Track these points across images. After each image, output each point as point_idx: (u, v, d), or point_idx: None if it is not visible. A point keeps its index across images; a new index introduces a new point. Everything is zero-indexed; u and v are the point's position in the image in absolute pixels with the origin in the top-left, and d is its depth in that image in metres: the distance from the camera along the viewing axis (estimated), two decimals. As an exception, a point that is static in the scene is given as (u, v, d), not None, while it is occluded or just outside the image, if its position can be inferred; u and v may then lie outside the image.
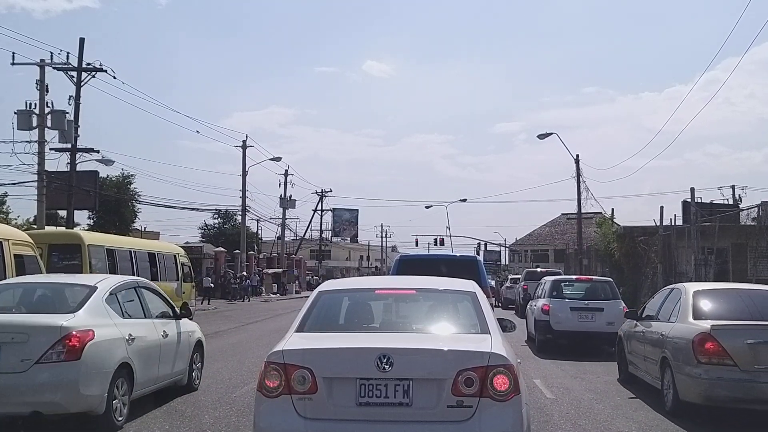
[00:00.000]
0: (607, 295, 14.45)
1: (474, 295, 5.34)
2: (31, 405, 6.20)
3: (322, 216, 64.12)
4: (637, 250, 24.12)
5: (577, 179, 34.04)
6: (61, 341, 6.30)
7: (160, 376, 8.03)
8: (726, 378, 6.98)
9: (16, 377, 6.14)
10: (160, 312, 8.47)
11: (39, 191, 23.77)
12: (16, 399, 6.17)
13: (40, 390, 6.20)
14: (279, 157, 46.75)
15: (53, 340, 6.29)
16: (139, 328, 7.55)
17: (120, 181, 40.36)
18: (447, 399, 4.25)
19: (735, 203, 29.02)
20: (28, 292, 7.74)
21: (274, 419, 4.39)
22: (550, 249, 70.09)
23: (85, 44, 24.41)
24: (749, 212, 19.08)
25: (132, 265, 17.75)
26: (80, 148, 24.71)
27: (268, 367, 4.45)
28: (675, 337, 7.84)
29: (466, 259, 12.29)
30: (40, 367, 6.20)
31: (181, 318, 8.86)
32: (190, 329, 9.16)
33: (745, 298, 8.12)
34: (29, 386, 6.16)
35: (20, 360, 6.19)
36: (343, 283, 6.82)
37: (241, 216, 44.35)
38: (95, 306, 7.05)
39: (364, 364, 4.32)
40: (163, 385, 8.21)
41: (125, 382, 7.06)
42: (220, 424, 7.15)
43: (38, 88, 23.41)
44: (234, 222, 57.78)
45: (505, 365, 4.34)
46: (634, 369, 9.66)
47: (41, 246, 14.39)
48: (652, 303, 9.73)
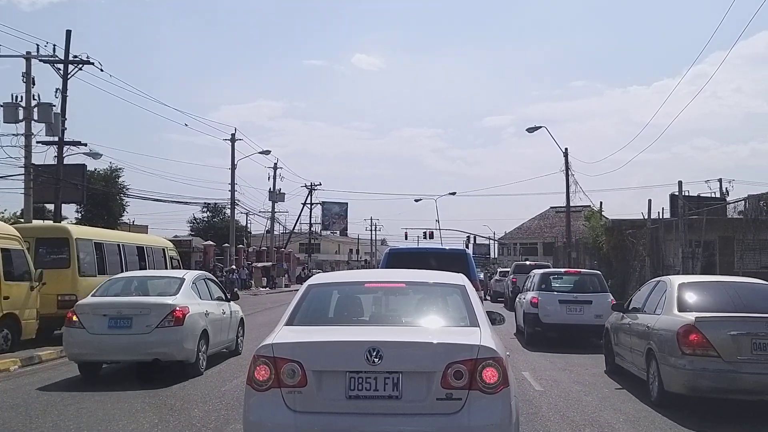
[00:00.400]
0: (596, 288, 14.56)
1: (463, 288, 5.36)
2: (153, 354, 9.64)
3: (312, 209, 64.04)
4: (626, 243, 24.28)
5: (565, 172, 34.19)
6: (171, 313, 9.66)
7: (222, 341, 11.34)
8: (710, 369, 7.08)
9: (144, 336, 9.53)
10: (217, 296, 11.76)
11: (26, 185, 23.54)
12: (144, 351, 9.60)
13: (159, 345, 9.55)
14: (268, 150, 46.64)
15: (166, 313, 9.65)
16: (210, 307, 10.92)
17: (108, 175, 40.09)
18: (436, 392, 4.28)
19: (722, 197, 29.23)
20: (141, 281, 11.20)
21: (264, 413, 4.40)
22: (539, 242, 70.35)
23: (72, 36, 24.16)
24: (736, 206, 19.27)
25: (121, 259, 17.61)
26: (67, 141, 24.46)
27: (258, 361, 4.46)
28: (660, 329, 7.94)
29: (456, 252, 12.33)
30: (159, 330, 9.57)
31: (230, 301, 12.29)
32: (236, 309, 12.41)
33: (729, 290, 8.22)
34: (152, 342, 9.53)
35: (146, 326, 9.57)
36: (332, 276, 6.84)
37: (230, 209, 44.18)
38: (186, 291, 10.48)
39: (353, 357, 4.34)
40: (222, 348, 11.38)
41: (205, 343, 10.29)
42: (210, 418, 7.17)
43: (24, 80, 23.16)
44: (223, 215, 57.59)
45: (494, 358, 4.36)
46: (620, 361, 9.76)
47: (28, 240, 14.29)
48: (638, 295, 9.82)
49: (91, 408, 7.70)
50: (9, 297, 12.38)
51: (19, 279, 12.86)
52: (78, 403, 7.96)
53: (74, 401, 8.10)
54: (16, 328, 12.51)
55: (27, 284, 13.05)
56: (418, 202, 64.80)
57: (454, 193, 60.30)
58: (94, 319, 9.68)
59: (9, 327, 12.32)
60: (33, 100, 23.00)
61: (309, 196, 61.25)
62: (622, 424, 7.05)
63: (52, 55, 23.80)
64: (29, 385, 9.32)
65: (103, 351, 9.70)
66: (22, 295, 12.82)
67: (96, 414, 7.39)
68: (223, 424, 6.91)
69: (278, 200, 52.76)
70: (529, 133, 34.81)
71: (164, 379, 9.49)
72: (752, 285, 8.64)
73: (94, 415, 7.32)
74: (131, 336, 9.54)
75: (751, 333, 7.10)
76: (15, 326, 12.49)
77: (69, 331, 9.87)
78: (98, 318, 9.67)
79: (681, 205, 19.31)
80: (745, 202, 17.50)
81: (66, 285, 14.89)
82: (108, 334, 9.58)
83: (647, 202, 21.67)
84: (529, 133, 34.71)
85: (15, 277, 12.76)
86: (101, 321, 9.64)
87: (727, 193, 30.91)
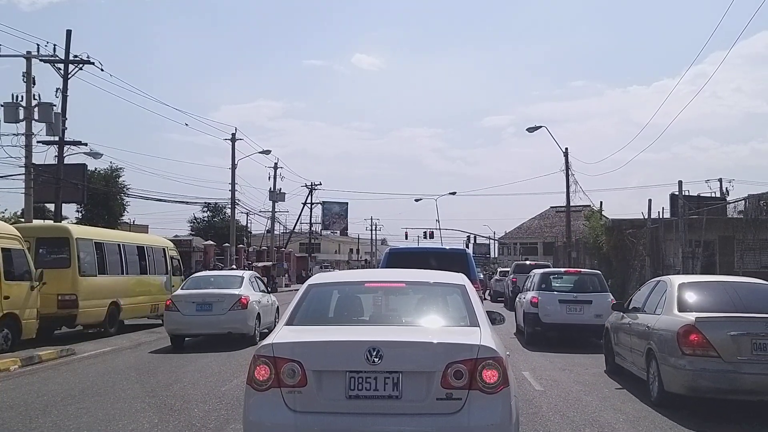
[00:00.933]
0: (596, 287, 14.55)
1: (463, 288, 5.35)
2: (227, 329, 13.82)
3: (312, 209, 63.99)
4: (626, 242, 24.27)
5: (566, 172, 34.19)
6: (239, 300, 13.79)
7: (268, 322, 14.88)
8: (710, 369, 7.07)
9: (220, 317, 13.68)
10: (261, 289, 15.76)
11: (26, 184, 23.53)
12: (220, 326, 13.75)
13: (231, 322, 13.74)
14: (268, 150, 46.56)
15: (235, 300, 13.78)
16: (260, 297, 15.03)
17: (108, 174, 40.10)
18: (436, 392, 4.27)
19: (722, 196, 29.19)
20: (214, 278, 15.71)
21: (264, 413, 4.40)
22: (539, 242, 70.31)
23: (72, 36, 24.15)
24: (736, 205, 19.24)
25: (121, 258, 17.64)
26: (68, 140, 24.45)
27: (258, 361, 4.46)
28: (660, 329, 7.93)
29: (456, 251, 12.33)
30: (231, 312, 13.67)
31: (270, 293, 16.56)
32: (274, 300, 16.45)
33: (729, 290, 8.21)
34: (226, 321, 13.71)
35: (222, 309, 13.66)
36: (332, 276, 6.83)
37: (231, 209, 44.12)
38: (246, 285, 14.65)
39: (353, 357, 4.33)
40: (265, 328, 14.34)
41: (259, 322, 14.22)
42: (210, 418, 7.16)
43: (25, 80, 23.15)
44: (223, 215, 57.58)
45: (494, 358, 4.36)
46: (620, 360, 9.76)
47: (29, 240, 14.31)
48: (638, 295, 9.81)
49: (91, 408, 7.71)
50: (9, 297, 12.39)
51: (19, 279, 12.87)
52: (78, 403, 7.97)
53: (74, 401, 8.10)
54: (16, 328, 12.52)
55: (27, 284, 13.06)
56: (418, 201, 64.82)
57: (454, 193, 60.37)
58: (186, 305, 13.74)
59: (9, 327, 12.33)
60: (33, 100, 22.99)
61: (309, 195, 61.24)
62: (622, 424, 7.05)
63: (52, 54, 23.79)
64: (29, 385, 9.33)
65: (191, 327, 13.85)
66: (22, 295, 12.83)
67: (96, 414, 7.39)
68: (223, 424, 6.90)
69: (278, 200, 52.71)
70: (529, 133, 34.86)
71: (165, 379, 9.53)
72: (752, 285, 8.62)
73: (94, 415, 7.32)
74: (212, 316, 13.67)
75: (751, 333, 7.09)
76: (15, 326, 12.49)
77: (168, 313, 13.96)
78: (188, 304, 13.74)
79: (681, 205, 19.30)
80: (745, 202, 17.48)
81: (66, 285, 14.92)
82: (195, 315, 13.69)
83: (647, 201, 21.67)
84: (529, 132, 34.74)
85: (15, 276, 12.77)
86: (191, 306, 13.71)
87: (727, 193, 30.88)
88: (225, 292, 13.98)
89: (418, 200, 64.32)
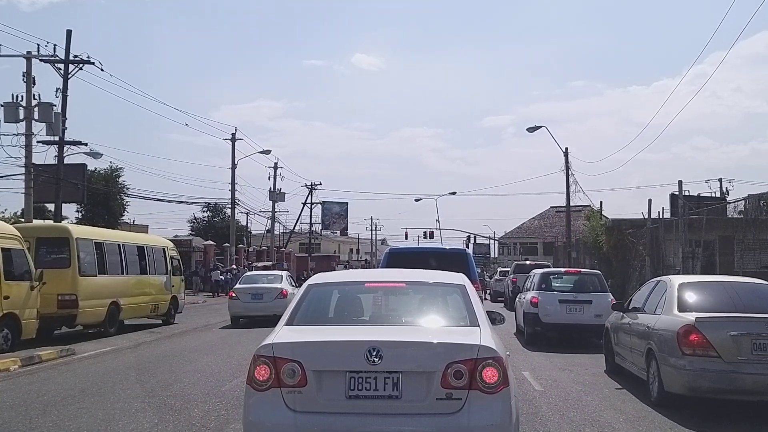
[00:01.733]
0: (596, 287, 14.55)
1: (463, 288, 5.35)
2: (273, 312, 17.06)
3: (312, 209, 63.96)
4: (626, 242, 24.29)
5: (566, 172, 34.20)
6: (281, 292, 19.34)
7: None
8: (710, 369, 7.07)
9: (269, 303, 18.74)
10: (293, 284, 20.95)
11: (26, 184, 23.56)
12: (269, 311, 17.89)
13: (276, 307, 16.88)
14: (268, 150, 46.59)
15: (279, 291, 19.45)
16: (293, 290, 18.55)
17: (108, 174, 40.05)
18: (436, 392, 4.27)
19: (722, 196, 29.18)
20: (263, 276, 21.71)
21: (264, 412, 4.40)
22: (539, 242, 70.30)
23: (72, 36, 24.16)
24: (736, 205, 19.22)
25: (121, 258, 17.64)
26: (68, 140, 24.47)
27: (258, 361, 4.45)
28: (660, 329, 7.93)
29: (456, 251, 12.34)
30: (276, 300, 18.68)
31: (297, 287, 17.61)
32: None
33: (729, 290, 8.21)
34: (273, 306, 18.01)
35: (270, 298, 19.12)
36: (332, 276, 6.83)
37: (231, 209, 44.12)
38: (285, 281, 20.59)
39: (353, 357, 4.33)
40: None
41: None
42: (210, 418, 7.16)
43: (25, 80, 23.17)
44: (223, 215, 57.51)
45: (494, 358, 4.36)
46: (620, 360, 9.76)
47: (29, 240, 14.31)
48: (638, 295, 9.81)
49: (91, 408, 7.70)
50: (9, 296, 12.38)
51: (19, 278, 12.87)
52: (78, 403, 7.97)
53: (74, 401, 8.10)
54: (16, 328, 12.51)
55: (27, 284, 13.06)
56: (418, 201, 64.82)
57: (454, 193, 60.29)
58: (244, 295, 19.29)
59: (9, 327, 12.33)
60: (33, 100, 23.02)
61: (309, 195, 61.20)
62: (622, 424, 7.05)
63: (52, 54, 23.82)
64: (29, 385, 9.32)
65: (248, 311, 19.07)
66: (22, 295, 12.83)
67: (96, 414, 7.39)
68: (223, 424, 6.90)
69: (278, 200, 52.71)
70: (529, 133, 34.83)
71: (165, 378, 9.54)
72: (752, 285, 8.63)
73: (94, 415, 7.32)
74: (263, 303, 18.95)
75: (751, 333, 7.09)
76: (15, 326, 12.49)
77: (231, 301, 19.58)
78: (246, 294, 19.28)
79: (681, 205, 19.32)
80: (745, 202, 17.48)
81: (66, 285, 14.92)
82: (251, 303, 19.12)
83: (647, 201, 21.70)
84: (530, 132, 34.72)
85: (15, 276, 12.77)
86: (247, 296, 19.24)
87: (727, 193, 30.84)
88: (271, 286, 19.73)
89: (418, 200, 64.39)
